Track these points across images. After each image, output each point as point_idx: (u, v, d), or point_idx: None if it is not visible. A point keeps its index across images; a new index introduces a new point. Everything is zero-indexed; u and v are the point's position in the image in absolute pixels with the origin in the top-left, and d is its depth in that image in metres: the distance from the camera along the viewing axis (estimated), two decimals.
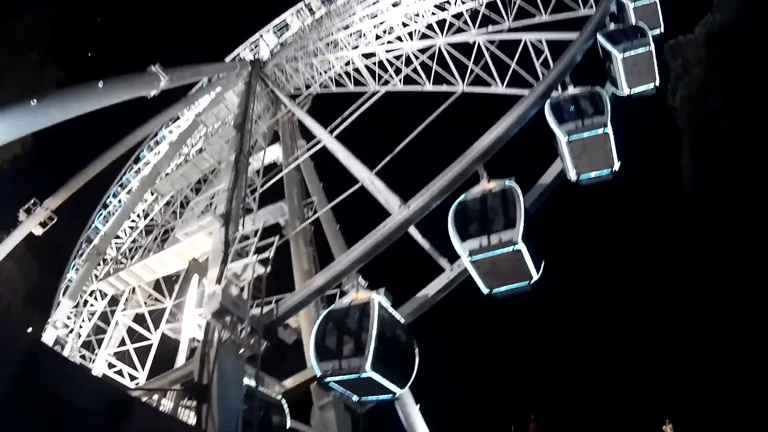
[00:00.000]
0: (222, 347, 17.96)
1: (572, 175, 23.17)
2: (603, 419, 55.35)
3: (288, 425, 21.89)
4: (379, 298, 18.81)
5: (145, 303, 38.42)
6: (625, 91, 25.77)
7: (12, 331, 11.90)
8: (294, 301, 20.63)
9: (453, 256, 21.43)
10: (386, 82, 37.81)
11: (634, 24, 27.54)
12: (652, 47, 25.32)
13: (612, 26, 27.21)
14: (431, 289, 21.68)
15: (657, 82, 26.05)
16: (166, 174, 44.89)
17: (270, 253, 20.72)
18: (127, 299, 41.91)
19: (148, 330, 39.31)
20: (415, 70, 36.06)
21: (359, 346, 17.93)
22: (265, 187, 31.59)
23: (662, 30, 28.97)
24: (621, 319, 60.20)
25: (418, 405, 31.41)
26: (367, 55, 40.37)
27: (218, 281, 19.91)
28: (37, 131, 26.36)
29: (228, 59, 60.99)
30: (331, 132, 32.32)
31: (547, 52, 29.22)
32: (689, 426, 45.63)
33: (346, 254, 20.47)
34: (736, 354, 45.95)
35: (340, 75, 43.24)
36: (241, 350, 18.73)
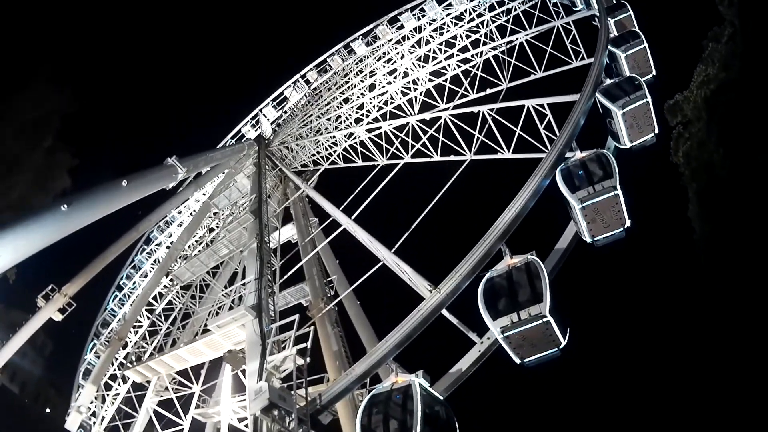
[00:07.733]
0: None
1: (588, 237, 23.84)
2: None
3: None
4: (419, 381, 19.32)
5: (171, 388, 38.55)
6: (627, 144, 26.53)
7: None
8: (336, 390, 21.29)
9: (482, 329, 21.89)
10: (394, 155, 38.55)
11: (627, 75, 28.49)
12: (649, 98, 26.08)
13: (608, 81, 27.91)
14: (464, 363, 22.00)
15: (656, 131, 26.70)
16: (183, 257, 45.45)
17: (308, 344, 21.24)
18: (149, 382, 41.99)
19: (176, 415, 39.31)
20: (423, 143, 36.58)
21: (405, 427, 18.39)
22: (289, 273, 32.04)
23: (654, 74, 29.80)
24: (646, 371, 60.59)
25: None
26: (371, 129, 41.06)
27: (260, 376, 20.49)
28: None
29: (230, 135, 62.37)
30: (347, 212, 32.78)
31: (549, 114, 29.57)
32: None
33: (383, 342, 21.03)
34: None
35: (346, 150, 44.03)
36: None
